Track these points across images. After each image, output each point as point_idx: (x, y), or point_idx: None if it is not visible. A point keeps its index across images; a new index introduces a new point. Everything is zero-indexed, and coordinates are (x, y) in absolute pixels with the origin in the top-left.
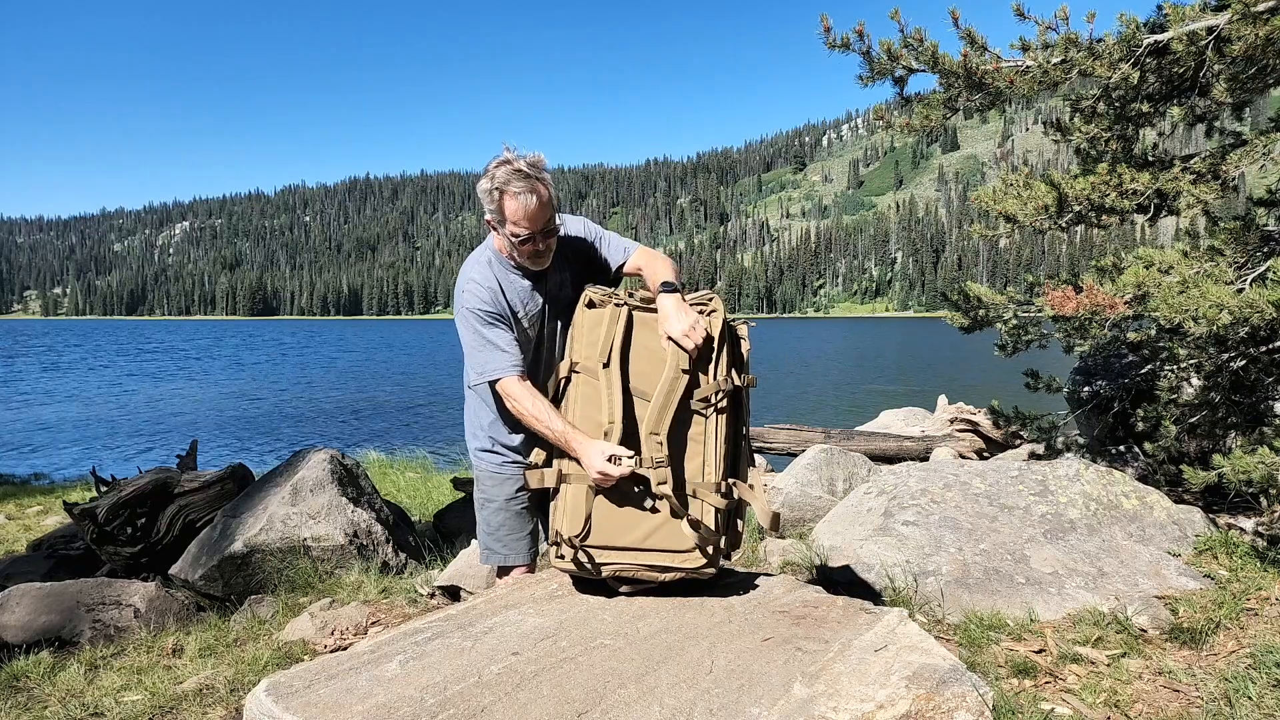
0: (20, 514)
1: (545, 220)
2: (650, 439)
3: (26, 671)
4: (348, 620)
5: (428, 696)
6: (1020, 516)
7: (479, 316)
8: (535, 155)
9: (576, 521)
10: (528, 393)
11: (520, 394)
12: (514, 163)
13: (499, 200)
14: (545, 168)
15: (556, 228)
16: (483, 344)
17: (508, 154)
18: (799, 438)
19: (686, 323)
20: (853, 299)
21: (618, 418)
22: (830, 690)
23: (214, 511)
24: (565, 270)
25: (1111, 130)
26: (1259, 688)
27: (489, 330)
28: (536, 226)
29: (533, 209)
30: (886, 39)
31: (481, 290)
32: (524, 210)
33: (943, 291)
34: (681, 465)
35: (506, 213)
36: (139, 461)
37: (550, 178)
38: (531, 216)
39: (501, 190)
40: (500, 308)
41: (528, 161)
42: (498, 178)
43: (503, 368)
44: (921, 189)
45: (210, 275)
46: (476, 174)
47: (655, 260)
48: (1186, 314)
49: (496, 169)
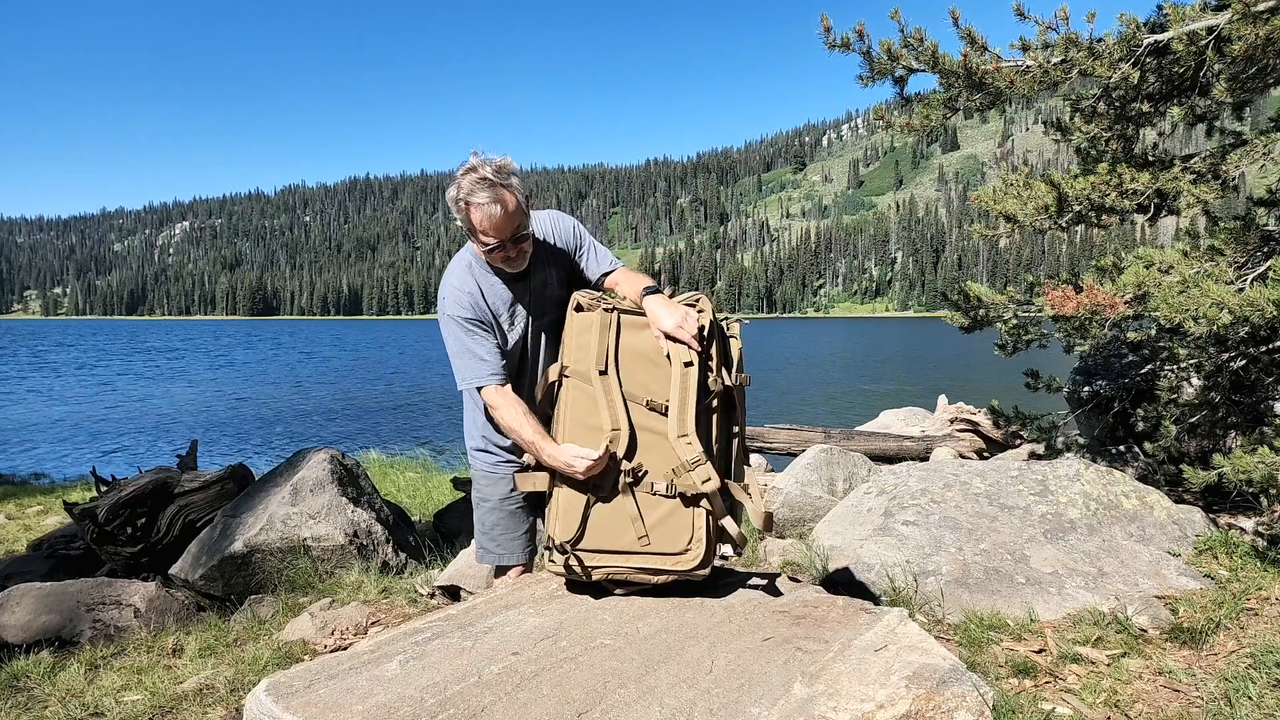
0: (20, 514)
1: (514, 228)
2: (680, 441)
3: (26, 671)
4: (348, 620)
5: (428, 696)
6: (1020, 516)
7: (459, 324)
8: (502, 160)
9: (570, 526)
10: (504, 401)
11: (496, 402)
12: (479, 169)
13: (465, 211)
14: (514, 172)
15: (528, 234)
16: (463, 351)
17: (474, 160)
18: (799, 438)
19: (678, 315)
20: (853, 299)
21: (623, 423)
22: (830, 690)
23: (214, 511)
24: (550, 268)
25: (1111, 130)
26: (1259, 688)
27: (469, 338)
28: (505, 235)
29: (498, 218)
30: (886, 39)
31: (461, 295)
32: (490, 220)
33: (943, 291)
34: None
35: (474, 223)
36: (139, 461)
37: (519, 182)
38: (498, 226)
39: (468, 201)
40: (480, 312)
41: (494, 167)
42: (463, 187)
43: (481, 376)
44: (921, 189)
45: (210, 275)
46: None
47: (634, 275)
48: (1186, 314)
49: (463, 178)
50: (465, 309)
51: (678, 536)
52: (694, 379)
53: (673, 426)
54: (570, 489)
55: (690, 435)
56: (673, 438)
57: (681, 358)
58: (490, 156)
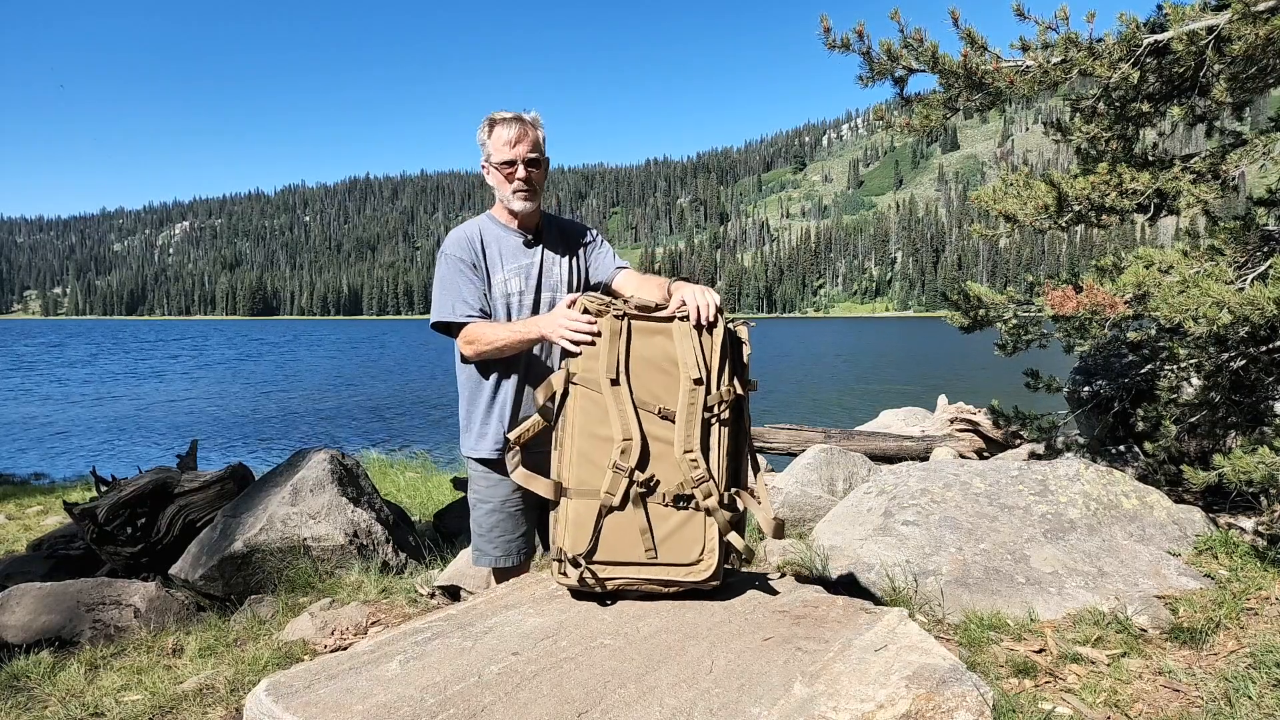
0: (20, 514)
1: (529, 146)
2: (685, 459)
3: (26, 671)
4: (348, 620)
5: (428, 696)
6: (1020, 516)
7: (451, 261)
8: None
9: (582, 538)
10: (478, 327)
11: (471, 334)
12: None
13: (490, 129)
14: (539, 126)
15: (540, 162)
16: (447, 288)
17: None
18: (799, 438)
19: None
20: (853, 299)
21: (635, 433)
22: (830, 690)
23: (214, 511)
24: (562, 252)
25: (1111, 130)
26: (1259, 687)
27: (457, 276)
28: (520, 153)
29: (516, 131)
30: (886, 39)
31: (460, 237)
32: (508, 131)
33: (943, 291)
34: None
35: (493, 139)
36: (139, 461)
37: (542, 134)
38: (515, 137)
39: (493, 120)
40: (473, 256)
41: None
42: (491, 115)
43: (457, 314)
44: (921, 189)
45: (210, 275)
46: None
47: (647, 276)
48: (1186, 313)
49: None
50: (460, 248)
51: (690, 547)
52: (701, 395)
53: (678, 443)
54: (580, 499)
55: (695, 452)
56: (678, 454)
57: (690, 375)
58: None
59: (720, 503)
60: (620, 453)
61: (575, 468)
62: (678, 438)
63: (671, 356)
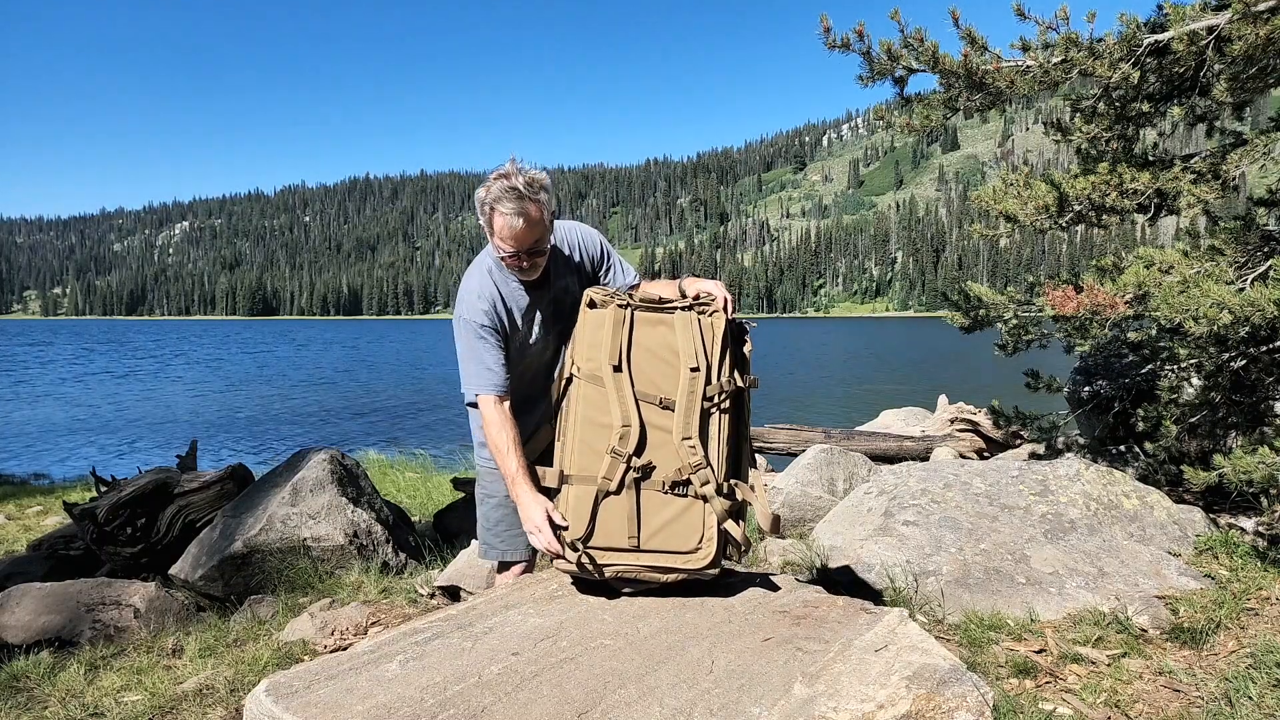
0: (20, 514)
1: (532, 241)
2: (684, 445)
3: (26, 671)
4: (348, 620)
5: (428, 697)
6: (1020, 516)
7: (472, 329)
8: (537, 174)
9: (580, 523)
10: (499, 418)
11: (491, 417)
12: (512, 178)
13: (489, 215)
14: (545, 187)
15: (544, 249)
16: (471, 357)
17: (510, 167)
18: (799, 438)
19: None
20: (853, 299)
21: (633, 420)
22: (830, 690)
23: (214, 511)
24: (571, 275)
25: (1112, 130)
26: (1259, 688)
27: (480, 344)
28: (522, 246)
29: (519, 229)
30: (886, 39)
31: (480, 302)
32: (510, 230)
33: (943, 291)
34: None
35: (495, 228)
36: (139, 461)
37: (548, 198)
38: (518, 236)
39: (493, 206)
40: (497, 320)
41: (526, 180)
42: (492, 191)
43: (484, 386)
44: (921, 189)
45: (210, 275)
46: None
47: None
48: (1187, 314)
49: (494, 182)
50: (480, 315)
51: (689, 535)
52: (700, 383)
53: (677, 429)
54: (580, 485)
55: (694, 439)
56: (676, 441)
57: (689, 364)
58: (526, 168)
59: (718, 491)
60: (619, 438)
61: (576, 455)
62: (676, 424)
63: (673, 347)
